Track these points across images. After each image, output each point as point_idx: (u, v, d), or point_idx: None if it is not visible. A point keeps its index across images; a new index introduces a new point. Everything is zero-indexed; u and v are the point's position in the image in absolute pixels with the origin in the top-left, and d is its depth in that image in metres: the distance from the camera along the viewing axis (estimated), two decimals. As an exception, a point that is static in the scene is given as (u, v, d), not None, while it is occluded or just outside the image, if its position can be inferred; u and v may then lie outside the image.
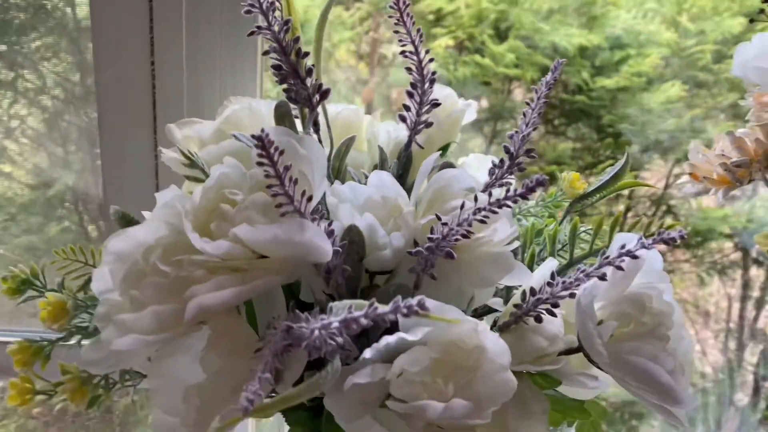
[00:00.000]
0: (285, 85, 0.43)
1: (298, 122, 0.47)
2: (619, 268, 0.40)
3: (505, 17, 1.44)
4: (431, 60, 0.48)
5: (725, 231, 1.43)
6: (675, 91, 1.39)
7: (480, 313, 0.47)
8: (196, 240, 0.36)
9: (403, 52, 0.48)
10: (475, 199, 0.39)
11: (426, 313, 0.30)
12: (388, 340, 0.36)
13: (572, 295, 0.41)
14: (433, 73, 0.48)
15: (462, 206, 0.39)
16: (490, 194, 0.41)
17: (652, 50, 1.40)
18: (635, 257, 0.39)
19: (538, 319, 0.42)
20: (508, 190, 0.37)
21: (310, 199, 0.38)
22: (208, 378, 0.38)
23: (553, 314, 0.42)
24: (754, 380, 1.41)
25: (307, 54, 0.43)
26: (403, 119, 0.50)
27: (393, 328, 0.37)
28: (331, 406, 0.39)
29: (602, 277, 0.40)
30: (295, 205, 0.37)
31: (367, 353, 0.36)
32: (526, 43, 1.39)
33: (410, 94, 0.49)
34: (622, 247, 0.40)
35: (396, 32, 0.47)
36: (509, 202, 0.37)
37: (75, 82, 1.10)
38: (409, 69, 0.48)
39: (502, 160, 0.46)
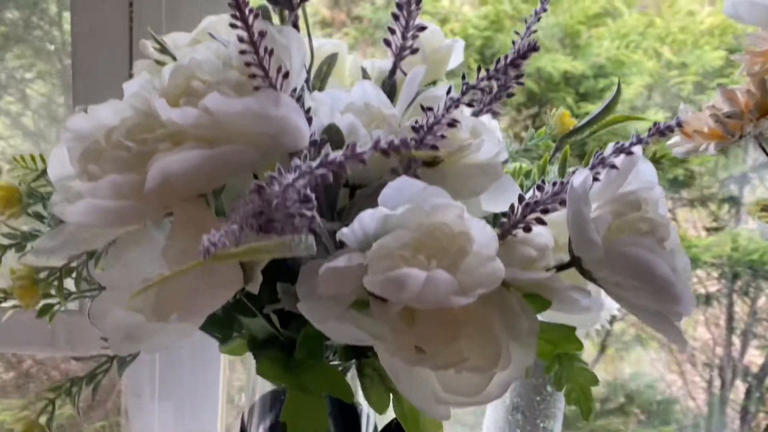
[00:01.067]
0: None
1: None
2: (613, 166, 0.38)
3: (491, 44, 1.45)
4: (418, -21, 0.46)
5: (709, 260, 1.42)
6: (658, 118, 1.40)
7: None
8: (162, 107, 0.34)
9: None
10: (463, 77, 0.37)
11: (408, 151, 0.28)
12: (365, 213, 0.33)
13: (563, 203, 0.39)
14: (420, -8, 0.47)
15: (449, 92, 0.37)
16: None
17: (635, 79, 1.41)
18: (630, 153, 0.37)
19: (527, 229, 0.39)
20: (498, 60, 0.35)
21: (286, 75, 0.36)
22: (170, 267, 0.35)
23: (543, 222, 0.39)
24: (740, 417, 1.37)
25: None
26: (387, 43, 0.48)
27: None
28: (306, 308, 0.36)
29: (596, 177, 0.38)
30: (270, 79, 0.35)
31: (344, 230, 0.33)
32: (511, 68, 1.40)
33: (395, 17, 0.47)
34: (616, 143, 0.38)
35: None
36: (500, 75, 0.35)
37: (59, 104, 1.08)
38: (395, -11, 0.46)
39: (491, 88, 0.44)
